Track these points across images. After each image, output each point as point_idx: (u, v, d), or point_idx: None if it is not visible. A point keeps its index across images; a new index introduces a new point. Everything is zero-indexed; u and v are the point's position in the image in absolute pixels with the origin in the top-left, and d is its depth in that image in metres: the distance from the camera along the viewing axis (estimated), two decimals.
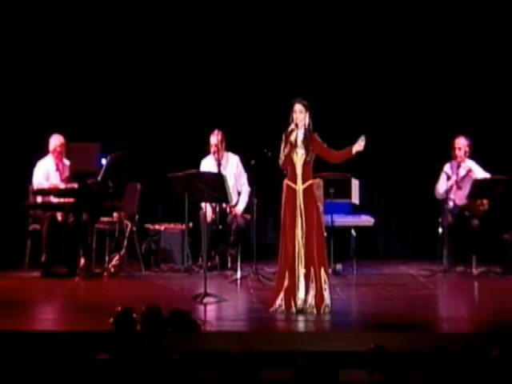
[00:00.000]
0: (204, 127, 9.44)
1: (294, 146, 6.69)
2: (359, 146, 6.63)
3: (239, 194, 9.28)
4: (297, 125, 6.69)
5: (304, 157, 6.69)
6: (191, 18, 10.41)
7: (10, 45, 10.11)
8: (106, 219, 9.19)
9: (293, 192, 6.68)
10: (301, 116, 6.72)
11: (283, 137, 6.71)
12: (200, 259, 9.19)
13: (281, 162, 6.71)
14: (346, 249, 9.24)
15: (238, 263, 8.82)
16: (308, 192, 6.67)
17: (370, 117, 10.41)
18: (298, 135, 6.71)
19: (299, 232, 6.62)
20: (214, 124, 9.30)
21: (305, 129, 6.73)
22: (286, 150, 6.66)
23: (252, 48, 10.40)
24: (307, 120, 6.75)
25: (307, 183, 6.69)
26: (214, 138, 9.19)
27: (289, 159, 6.69)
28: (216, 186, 7.51)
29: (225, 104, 10.27)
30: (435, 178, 9.28)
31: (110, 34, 10.26)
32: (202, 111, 10.26)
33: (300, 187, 6.68)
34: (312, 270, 6.60)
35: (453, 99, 10.32)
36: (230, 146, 9.34)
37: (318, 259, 6.62)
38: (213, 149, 9.19)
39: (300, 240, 6.61)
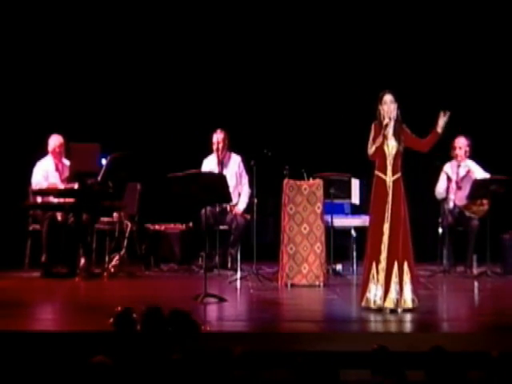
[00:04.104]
0: (205, 127, 9.44)
1: (385, 137, 6.63)
2: (442, 120, 6.63)
3: (240, 194, 9.28)
4: (389, 117, 6.63)
5: (396, 149, 6.66)
6: (192, 17, 10.40)
7: (10, 45, 10.10)
8: (106, 219, 9.19)
9: (383, 183, 6.63)
10: (392, 106, 6.66)
11: (373, 128, 6.65)
12: (200, 259, 9.19)
13: (371, 152, 6.63)
14: (346, 249, 9.23)
15: (238, 263, 8.83)
16: (397, 184, 6.65)
17: (370, 117, 10.38)
18: (389, 126, 6.65)
19: (387, 226, 6.54)
20: (215, 124, 9.30)
21: (394, 120, 6.68)
22: (378, 142, 6.60)
23: (254, 48, 10.39)
24: (397, 111, 6.69)
25: (396, 175, 6.67)
26: (217, 137, 9.20)
27: (380, 151, 6.63)
28: (216, 186, 7.50)
29: (226, 104, 10.25)
30: (435, 178, 9.28)
31: (110, 34, 10.25)
32: (202, 111, 10.25)
33: (390, 179, 6.65)
34: (396, 264, 6.49)
35: (453, 99, 10.29)
36: (232, 146, 9.34)
37: (403, 254, 6.51)
38: (215, 146, 9.20)
39: (385, 235, 6.53)
